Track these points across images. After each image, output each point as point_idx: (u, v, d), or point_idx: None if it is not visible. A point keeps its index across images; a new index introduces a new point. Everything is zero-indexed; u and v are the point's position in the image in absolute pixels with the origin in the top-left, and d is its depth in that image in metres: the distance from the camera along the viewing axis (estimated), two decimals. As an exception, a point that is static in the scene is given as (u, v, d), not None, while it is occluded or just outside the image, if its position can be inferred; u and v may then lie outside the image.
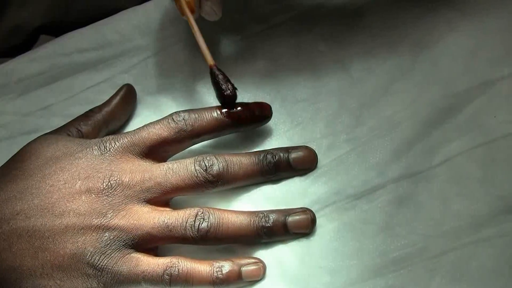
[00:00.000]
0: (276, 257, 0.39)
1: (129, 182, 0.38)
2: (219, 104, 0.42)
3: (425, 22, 0.45)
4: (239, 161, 0.40)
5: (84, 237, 0.36)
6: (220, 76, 0.41)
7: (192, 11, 0.41)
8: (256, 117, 0.42)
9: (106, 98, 0.46)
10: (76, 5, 0.53)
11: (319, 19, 0.47)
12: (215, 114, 0.41)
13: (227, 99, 0.41)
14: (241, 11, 0.48)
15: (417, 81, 0.44)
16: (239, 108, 0.41)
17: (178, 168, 0.39)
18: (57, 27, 0.54)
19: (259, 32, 0.48)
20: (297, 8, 0.48)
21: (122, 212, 0.37)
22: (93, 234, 0.37)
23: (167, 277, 0.36)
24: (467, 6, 0.45)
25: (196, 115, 0.41)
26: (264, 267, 0.39)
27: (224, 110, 0.41)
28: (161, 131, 0.40)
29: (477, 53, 0.44)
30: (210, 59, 0.41)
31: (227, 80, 0.41)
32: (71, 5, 0.53)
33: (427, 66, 0.44)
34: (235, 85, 0.41)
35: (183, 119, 0.40)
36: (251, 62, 0.47)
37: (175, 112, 0.41)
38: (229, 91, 0.40)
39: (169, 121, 0.40)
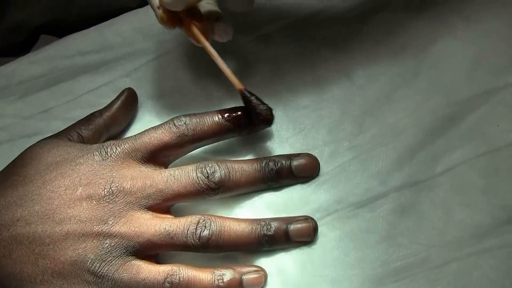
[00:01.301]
0: (278, 266, 0.39)
1: (131, 188, 0.38)
2: (220, 108, 0.42)
3: (428, 30, 0.45)
4: (241, 168, 0.40)
5: (84, 244, 0.36)
6: (253, 98, 0.40)
7: (207, 38, 0.41)
8: (257, 121, 0.42)
9: (107, 101, 0.46)
10: (76, 4, 0.53)
11: (322, 25, 0.47)
12: (216, 119, 0.41)
13: (267, 121, 0.40)
14: (242, 16, 0.48)
15: (420, 89, 0.43)
16: (239, 112, 0.41)
17: (180, 175, 0.39)
18: (58, 26, 0.54)
19: (261, 38, 0.48)
20: (300, 14, 0.48)
21: (123, 219, 0.37)
22: (94, 241, 0.36)
23: (168, 285, 0.36)
24: (471, 14, 0.45)
25: (198, 120, 0.40)
26: (265, 275, 0.39)
27: (225, 115, 0.41)
28: (163, 136, 0.40)
29: (480, 61, 0.43)
30: (238, 83, 0.40)
31: (261, 101, 0.40)
32: (71, 4, 0.53)
33: (430, 74, 0.44)
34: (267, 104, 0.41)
35: (185, 123, 0.40)
36: (253, 68, 0.46)
37: (176, 116, 0.41)
38: (268, 113, 0.40)
39: (171, 125, 0.40)
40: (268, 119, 0.40)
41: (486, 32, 0.44)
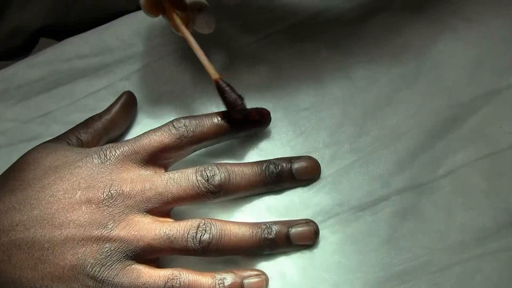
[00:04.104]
0: (279, 269, 0.39)
1: (130, 192, 0.38)
2: (219, 110, 0.42)
3: (429, 31, 0.45)
4: (241, 171, 0.40)
5: (84, 248, 0.36)
6: (227, 88, 0.40)
7: (187, 27, 0.41)
8: (255, 123, 0.42)
9: (107, 105, 0.46)
10: (76, 7, 0.53)
11: (322, 26, 0.47)
12: (215, 120, 0.41)
13: (238, 112, 0.40)
14: (241, 18, 0.48)
15: (421, 90, 0.43)
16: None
17: (180, 178, 0.39)
18: (57, 29, 0.53)
19: (260, 39, 0.47)
20: (299, 15, 0.48)
21: (122, 223, 0.37)
22: (94, 245, 0.36)
23: (168, 289, 0.36)
24: (472, 15, 0.45)
25: (197, 121, 0.40)
26: (266, 279, 0.39)
27: (224, 116, 0.41)
28: (162, 138, 0.40)
29: (482, 62, 0.43)
30: (214, 73, 0.40)
31: (234, 91, 0.40)
32: (71, 7, 0.53)
33: (432, 76, 0.43)
34: (240, 93, 0.40)
35: (184, 125, 0.40)
36: (253, 70, 0.46)
37: (176, 118, 0.41)
38: (239, 102, 0.40)
39: (170, 127, 0.40)
40: (240, 110, 0.40)
41: (487, 33, 0.44)
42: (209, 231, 0.37)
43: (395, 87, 0.44)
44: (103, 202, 0.37)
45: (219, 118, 0.41)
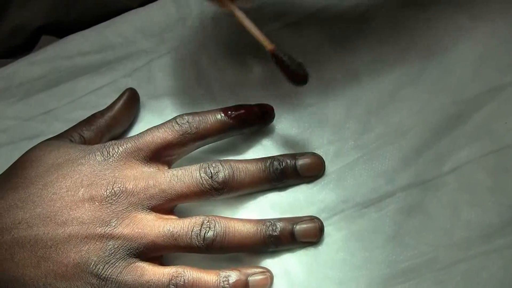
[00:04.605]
0: (283, 267, 0.39)
1: (133, 189, 0.38)
2: (222, 106, 0.42)
3: (433, 28, 0.45)
4: (245, 167, 0.40)
5: (87, 246, 0.36)
6: (286, 58, 0.38)
7: (232, 1, 0.39)
8: (259, 119, 0.42)
9: (109, 102, 0.45)
10: (77, 5, 0.53)
11: (325, 23, 0.47)
12: (219, 116, 0.41)
13: (302, 80, 0.38)
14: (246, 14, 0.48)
15: (425, 87, 0.43)
16: (242, 110, 0.41)
17: (183, 175, 0.39)
18: (59, 27, 0.53)
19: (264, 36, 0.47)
20: (302, 11, 0.47)
21: (126, 220, 0.37)
22: (97, 243, 0.36)
23: (172, 287, 0.36)
24: (477, 11, 0.45)
25: (200, 118, 0.40)
26: (271, 277, 0.38)
27: (228, 112, 0.41)
28: (166, 135, 0.39)
29: (487, 59, 0.43)
30: (268, 43, 0.39)
31: (294, 59, 0.38)
32: (72, 5, 0.53)
33: (436, 72, 0.43)
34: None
35: (187, 121, 0.40)
36: (257, 65, 0.46)
37: (179, 115, 0.40)
38: (302, 70, 0.38)
39: (173, 124, 0.40)
40: (303, 77, 0.38)
41: (491, 30, 0.44)
42: (213, 228, 0.37)
43: (399, 84, 0.43)
44: (106, 200, 0.37)
45: (223, 115, 0.41)
